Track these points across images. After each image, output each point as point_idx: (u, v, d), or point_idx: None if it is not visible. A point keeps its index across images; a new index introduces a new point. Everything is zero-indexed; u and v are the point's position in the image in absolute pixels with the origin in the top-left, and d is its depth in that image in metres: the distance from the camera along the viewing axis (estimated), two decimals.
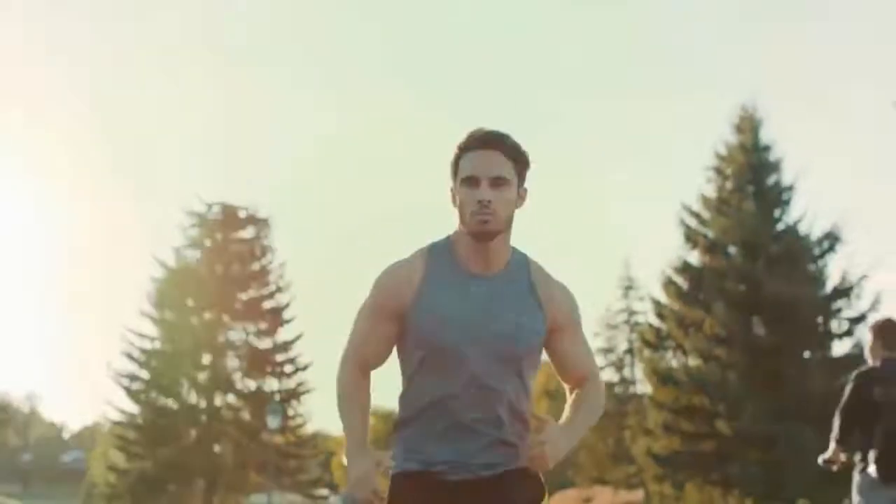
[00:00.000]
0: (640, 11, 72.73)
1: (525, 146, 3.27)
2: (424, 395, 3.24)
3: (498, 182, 3.15)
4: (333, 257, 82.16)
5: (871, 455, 6.61)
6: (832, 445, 6.76)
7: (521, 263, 3.27)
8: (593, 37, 76.06)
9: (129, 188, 72.81)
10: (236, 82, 73.11)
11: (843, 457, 6.77)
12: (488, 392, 3.17)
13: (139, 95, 65.98)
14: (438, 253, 3.26)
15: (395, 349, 3.31)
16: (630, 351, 41.36)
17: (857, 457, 6.79)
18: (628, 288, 42.33)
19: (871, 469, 6.61)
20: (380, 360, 3.30)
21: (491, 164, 3.16)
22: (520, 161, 3.22)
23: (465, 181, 3.17)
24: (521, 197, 3.25)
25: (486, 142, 3.19)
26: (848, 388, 6.74)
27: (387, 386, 3.46)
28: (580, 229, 77.30)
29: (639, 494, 36.19)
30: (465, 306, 3.17)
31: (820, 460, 6.83)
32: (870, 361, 6.80)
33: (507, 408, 3.20)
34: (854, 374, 6.83)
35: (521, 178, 3.24)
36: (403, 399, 3.30)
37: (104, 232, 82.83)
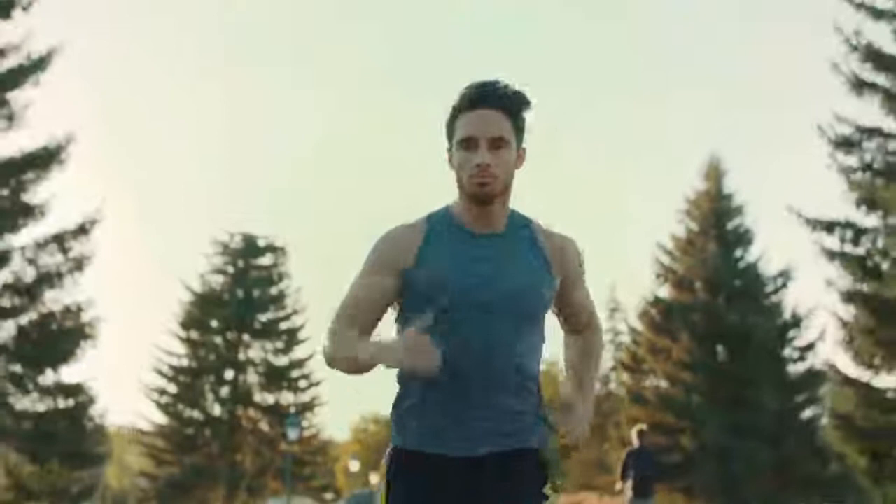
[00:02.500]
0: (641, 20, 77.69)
1: (522, 94, 3.14)
2: None
3: (496, 143, 3.07)
4: (345, 283, 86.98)
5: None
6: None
7: (523, 222, 3.22)
8: (593, 44, 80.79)
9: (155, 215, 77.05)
10: (248, 107, 77.35)
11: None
12: (498, 356, 3.09)
13: (140, 97, 70.35)
14: (437, 217, 3.20)
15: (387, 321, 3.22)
16: (615, 368, 47.28)
17: None
18: (614, 310, 48.34)
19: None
20: (370, 324, 3.17)
21: (489, 125, 3.06)
22: (518, 116, 3.12)
23: (462, 143, 3.09)
24: (520, 157, 3.15)
25: (482, 99, 3.09)
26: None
27: (389, 391, 3.27)
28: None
29: (621, 500, 41.97)
30: (470, 266, 3.11)
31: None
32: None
33: (518, 372, 3.12)
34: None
35: (521, 134, 3.14)
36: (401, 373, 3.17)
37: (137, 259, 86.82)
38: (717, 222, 36.06)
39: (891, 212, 20.16)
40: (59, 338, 21.88)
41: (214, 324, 42.11)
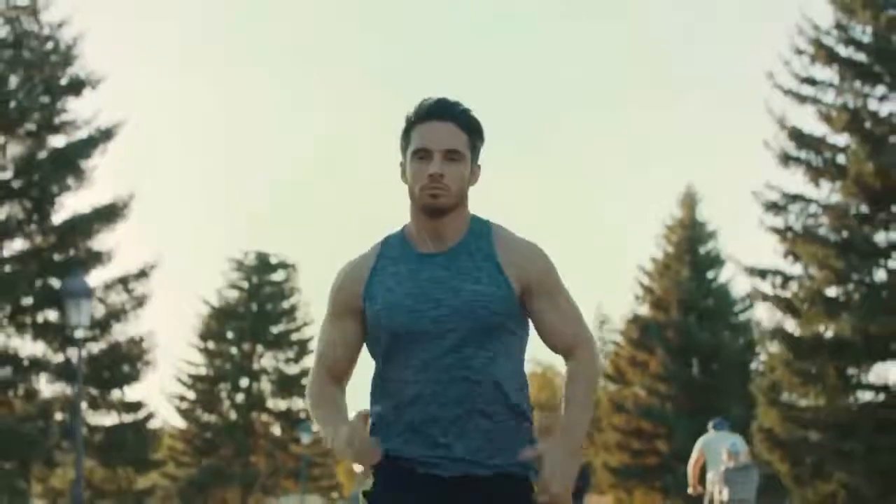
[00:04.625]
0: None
1: (479, 118, 3.21)
2: (392, 391, 3.18)
3: (451, 155, 3.12)
4: None
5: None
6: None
7: (482, 232, 3.22)
8: (590, 50, 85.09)
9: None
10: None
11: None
12: (455, 376, 3.10)
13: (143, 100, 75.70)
14: (391, 240, 3.25)
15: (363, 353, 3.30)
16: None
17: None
18: (602, 322, 54.02)
19: None
20: (345, 365, 3.27)
21: (443, 137, 3.12)
22: (474, 134, 3.18)
23: (416, 154, 3.13)
24: (473, 174, 3.21)
25: (438, 112, 3.16)
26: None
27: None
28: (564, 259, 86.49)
29: (607, 499, 47.58)
30: (415, 287, 3.14)
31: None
32: None
33: (482, 390, 3.11)
34: None
35: (476, 152, 3.20)
36: (374, 397, 3.25)
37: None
38: (690, 247, 41.58)
39: (809, 264, 25.74)
40: (124, 363, 27.47)
41: (230, 335, 46.48)
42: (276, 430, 47.24)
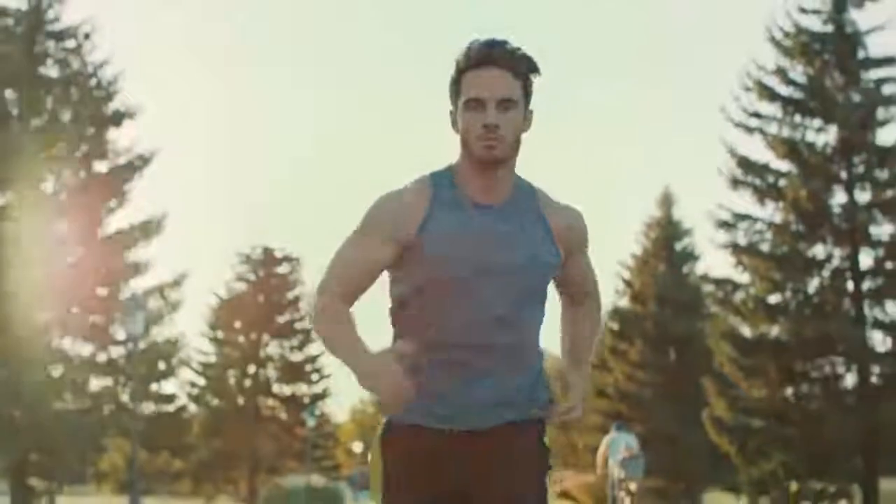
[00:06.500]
0: None
1: (530, 56, 3.20)
2: (428, 325, 3.24)
3: (505, 104, 3.14)
4: None
5: None
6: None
7: (528, 191, 3.32)
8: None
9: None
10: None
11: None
12: (500, 328, 3.20)
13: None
14: (441, 182, 3.26)
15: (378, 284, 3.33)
16: None
17: None
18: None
19: None
20: (360, 290, 3.29)
21: (497, 85, 3.14)
22: (528, 77, 3.22)
23: (469, 104, 3.16)
24: (527, 120, 3.23)
25: (490, 59, 3.16)
26: None
27: None
28: None
29: (588, 478, 52.75)
30: (473, 237, 3.19)
31: None
32: None
33: (521, 345, 3.26)
34: None
35: (528, 97, 3.23)
36: (400, 334, 3.29)
37: None
38: (667, 244, 46.95)
39: (753, 274, 31.20)
40: (160, 361, 32.92)
41: (238, 325, 49.52)
42: (282, 414, 50.07)
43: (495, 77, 3.17)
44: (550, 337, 3.64)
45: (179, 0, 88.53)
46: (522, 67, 3.22)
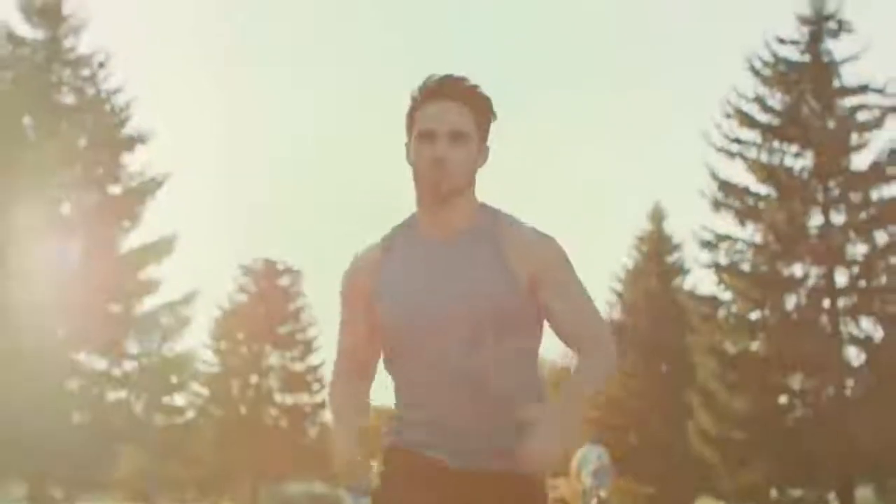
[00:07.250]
0: None
1: (488, 94, 3.16)
2: (401, 387, 3.29)
3: (456, 137, 3.11)
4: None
5: None
6: None
7: (490, 221, 3.23)
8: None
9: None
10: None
11: None
12: (462, 370, 3.12)
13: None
14: (400, 228, 3.28)
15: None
16: None
17: None
18: None
19: None
20: (365, 361, 3.38)
21: (447, 118, 3.12)
22: (482, 112, 3.18)
23: (420, 136, 3.13)
24: (482, 155, 3.20)
25: (443, 91, 3.15)
26: None
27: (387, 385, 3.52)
28: None
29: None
30: (418, 279, 3.18)
31: None
32: None
33: (488, 385, 3.15)
34: None
35: (484, 132, 3.20)
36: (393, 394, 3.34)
37: None
38: (657, 258, 48.99)
39: (734, 292, 33.23)
40: (171, 375, 34.90)
41: (241, 336, 50.48)
42: (284, 423, 50.50)
43: (446, 109, 3.16)
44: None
45: (193, 29, 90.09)
46: (477, 102, 3.21)
